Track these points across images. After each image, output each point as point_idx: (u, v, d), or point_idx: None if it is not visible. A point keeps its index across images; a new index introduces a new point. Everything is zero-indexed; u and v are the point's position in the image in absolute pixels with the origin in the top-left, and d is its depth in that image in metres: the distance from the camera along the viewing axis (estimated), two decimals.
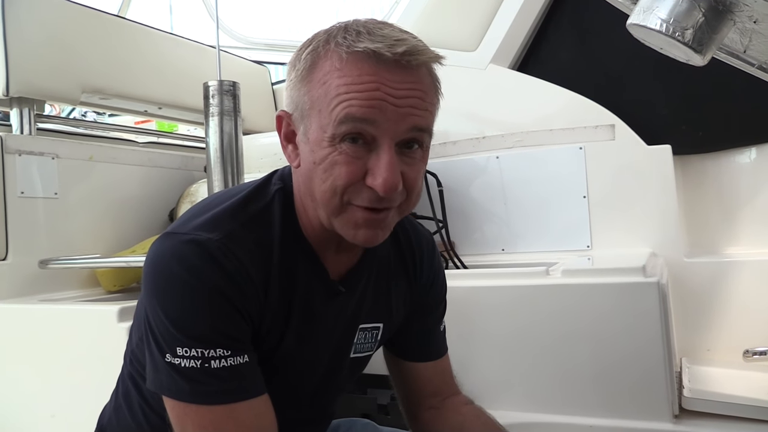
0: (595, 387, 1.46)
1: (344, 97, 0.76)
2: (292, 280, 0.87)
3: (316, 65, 0.79)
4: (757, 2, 0.83)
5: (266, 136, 2.31)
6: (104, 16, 2.37)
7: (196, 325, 0.78)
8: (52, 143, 2.01)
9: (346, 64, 0.77)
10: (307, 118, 0.81)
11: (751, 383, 1.65)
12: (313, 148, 0.80)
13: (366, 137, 0.77)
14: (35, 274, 1.87)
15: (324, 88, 0.78)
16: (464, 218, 2.25)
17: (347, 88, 0.76)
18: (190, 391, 0.78)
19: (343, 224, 0.82)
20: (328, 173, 0.78)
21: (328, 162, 0.78)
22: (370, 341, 1.02)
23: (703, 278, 1.95)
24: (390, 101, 0.76)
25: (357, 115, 0.76)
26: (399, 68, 0.77)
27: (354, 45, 0.76)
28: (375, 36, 0.77)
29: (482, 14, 2.38)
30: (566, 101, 2.19)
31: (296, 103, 0.82)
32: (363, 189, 0.79)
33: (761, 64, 1.05)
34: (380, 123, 0.76)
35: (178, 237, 0.81)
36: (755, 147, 2.11)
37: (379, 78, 0.76)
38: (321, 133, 0.78)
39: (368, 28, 0.78)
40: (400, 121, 0.77)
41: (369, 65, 0.76)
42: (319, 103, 0.78)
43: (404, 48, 0.76)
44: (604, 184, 2.08)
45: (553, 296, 1.50)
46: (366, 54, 0.76)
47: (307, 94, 0.80)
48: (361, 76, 0.76)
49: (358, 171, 0.78)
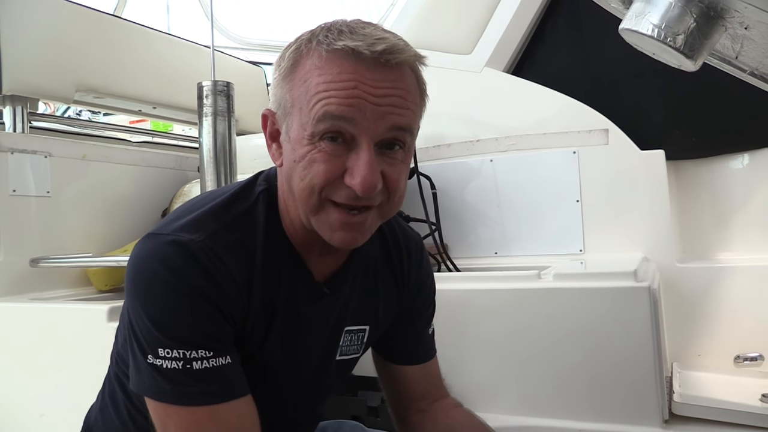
0: (586, 391, 1.46)
1: (323, 95, 0.76)
2: (276, 281, 0.87)
3: (298, 64, 0.80)
4: (748, 9, 0.84)
5: (260, 137, 2.28)
6: (99, 15, 2.36)
7: (177, 326, 0.77)
8: (45, 142, 2.01)
9: (326, 62, 0.76)
10: (288, 117, 0.81)
11: (741, 389, 1.65)
12: (294, 147, 0.80)
13: (345, 136, 0.77)
14: (26, 273, 1.86)
15: (305, 87, 0.78)
16: (458, 221, 2.25)
17: (326, 86, 0.76)
18: (172, 392, 0.77)
19: (321, 224, 0.82)
20: (306, 171, 0.78)
21: (306, 160, 0.78)
22: (356, 344, 1.01)
23: (695, 283, 1.95)
24: (369, 100, 0.76)
25: (335, 113, 0.75)
26: (378, 67, 0.76)
27: (334, 43, 0.76)
28: (356, 35, 0.76)
29: (478, 17, 2.38)
30: (560, 105, 2.20)
31: (279, 101, 0.83)
32: (341, 187, 0.78)
33: (753, 70, 1.06)
34: (359, 121, 0.76)
35: (160, 238, 0.81)
36: (748, 153, 2.12)
37: (358, 76, 0.75)
38: (301, 131, 0.78)
39: (350, 27, 0.78)
40: (380, 119, 0.77)
41: (348, 63, 0.76)
42: (299, 101, 0.78)
43: (384, 46, 0.76)
44: (598, 188, 2.08)
45: (544, 300, 1.50)
46: (345, 52, 0.76)
47: (289, 93, 0.80)
48: (341, 74, 0.76)
49: (337, 169, 0.78)
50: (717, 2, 0.88)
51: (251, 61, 3.14)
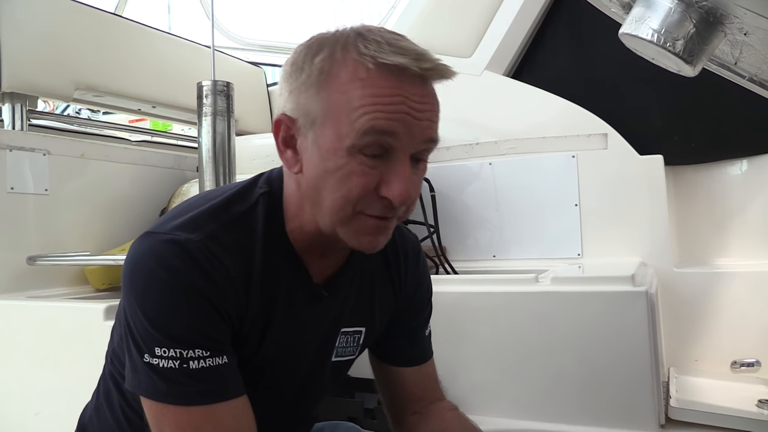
0: (582, 395, 1.46)
1: (369, 109, 0.75)
2: (274, 283, 0.87)
3: (333, 71, 0.78)
4: (747, 15, 0.84)
5: (259, 138, 2.31)
6: (100, 13, 2.36)
7: (174, 325, 0.77)
8: (44, 139, 2.00)
9: (373, 75, 0.76)
10: (319, 126, 0.79)
11: (738, 394, 1.65)
12: (326, 156, 0.79)
13: (385, 149, 0.78)
14: (23, 271, 1.86)
15: (344, 97, 0.76)
16: (456, 224, 2.25)
17: (372, 99, 0.76)
18: (168, 391, 0.77)
19: (350, 232, 0.82)
20: (342, 183, 0.78)
21: (343, 172, 0.78)
22: (351, 345, 1.01)
23: (693, 288, 1.96)
24: (413, 115, 0.77)
25: (382, 128, 0.76)
26: (420, 82, 0.78)
27: (379, 56, 0.75)
28: (397, 48, 0.76)
29: (478, 21, 2.39)
30: (560, 109, 2.20)
31: (304, 109, 0.80)
32: (376, 199, 0.79)
33: (752, 75, 1.06)
34: (401, 136, 0.77)
35: (157, 236, 0.80)
36: (746, 159, 2.12)
37: (403, 92, 0.76)
38: (338, 142, 0.77)
39: (387, 39, 0.78)
40: (419, 134, 0.78)
41: (395, 79, 0.76)
42: (337, 111, 0.77)
43: (430, 64, 0.77)
44: (596, 192, 2.09)
45: (541, 303, 1.50)
46: (394, 67, 0.76)
47: (322, 101, 0.78)
48: (388, 88, 0.76)
49: (373, 182, 0.78)
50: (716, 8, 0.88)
51: (251, 61, 3.14)
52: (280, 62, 3.28)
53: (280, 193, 0.89)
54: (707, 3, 0.87)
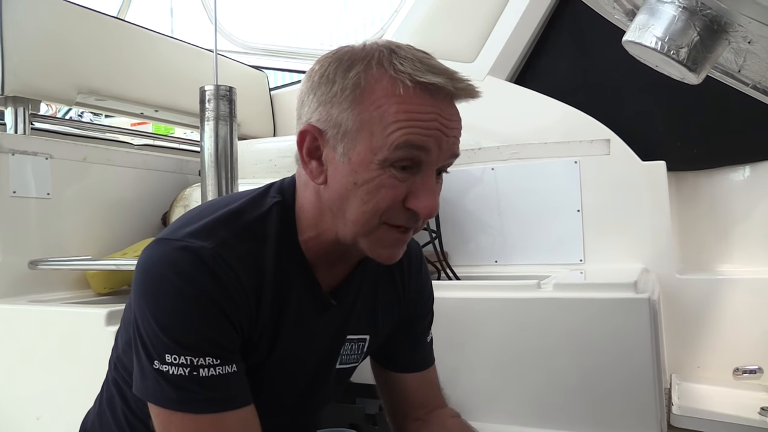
0: (584, 401, 1.45)
1: (405, 124, 0.77)
2: (285, 292, 0.87)
3: (368, 87, 0.79)
4: (752, 23, 0.84)
5: (262, 142, 2.31)
6: (102, 17, 2.36)
7: (186, 332, 0.77)
8: (46, 143, 2.00)
9: (410, 92, 0.78)
10: (351, 139, 0.80)
11: (740, 401, 1.65)
12: (356, 169, 0.80)
13: (415, 163, 0.80)
14: (25, 275, 1.85)
15: (379, 112, 0.78)
16: (458, 229, 2.25)
17: (408, 116, 0.78)
18: (177, 398, 0.77)
19: (372, 243, 0.84)
20: (371, 195, 0.80)
21: (374, 184, 0.79)
22: (356, 353, 1.01)
23: (695, 295, 1.95)
24: (444, 132, 0.80)
25: (416, 143, 0.78)
26: (449, 101, 0.81)
27: (416, 75, 0.78)
28: (430, 67, 0.79)
29: (481, 26, 2.39)
30: (562, 115, 2.20)
31: (336, 121, 0.80)
32: (401, 210, 0.81)
33: (755, 83, 1.06)
34: (432, 152, 0.80)
35: (170, 243, 0.80)
36: (749, 165, 2.12)
37: (437, 110, 0.79)
38: (370, 155, 0.79)
39: (419, 58, 0.80)
40: (447, 150, 0.82)
41: (430, 97, 0.79)
42: (371, 125, 0.78)
43: (463, 84, 0.80)
44: (598, 198, 2.08)
45: (544, 310, 1.50)
46: (431, 86, 0.78)
47: (356, 115, 0.79)
48: (423, 105, 0.78)
49: (401, 194, 0.81)
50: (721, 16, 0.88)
51: (254, 65, 3.14)
52: (282, 66, 3.28)
53: (292, 203, 0.89)
54: (711, 11, 0.87)
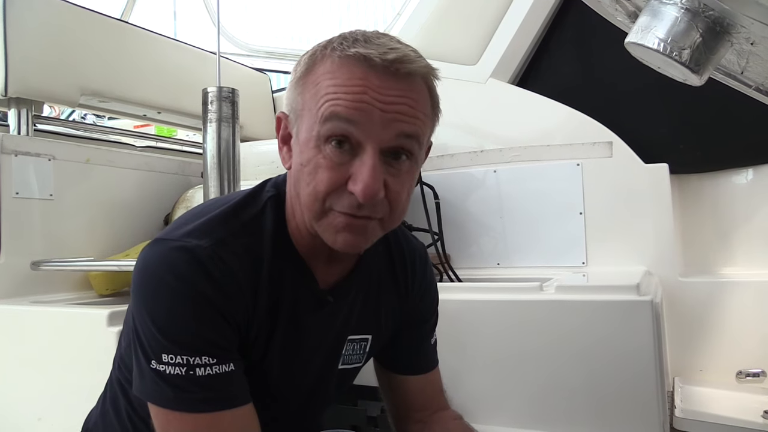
0: (586, 404, 1.45)
1: (331, 96, 0.77)
2: (280, 288, 0.87)
3: (312, 69, 0.81)
4: (755, 24, 0.83)
5: (264, 144, 2.31)
6: (105, 19, 2.37)
7: (182, 331, 0.77)
8: (49, 145, 2.01)
9: (338, 66, 0.78)
10: (299, 119, 0.82)
11: (743, 405, 1.64)
12: (302, 149, 0.81)
13: (351, 141, 0.77)
14: (27, 276, 1.86)
15: (315, 89, 0.79)
16: (460, 231, 2.25)
17: (336, 89, 0.77)
18: (174, 398, 0.77)
19: (324, 229, 0.81)
20: (311, 176, 0.79)
21: (312, 165, 0.79)
22: (358, 353, 1.01)
23: (698, 298, 1.95)
24: (377, 106, 0.76)
25: (342, 114, 0.76)
26: (389, 75, 0.77)
27: (347, 50, 0.77)
28: (370, 43, 0.78)
29: (483, 29, 2.39)
30: (565, 117, 2.20)
31: (291, 104, 0.84)
32: (344, 195, 0.78)
33: (758, 85, 1.05)
34: (365, 126, 0.76)
35: (167, 243, 0.80)
36: (752, 168, 2.12)
37: (368, 82, 0.76)
38: (309, 133, 0.79)
39: (366, 37, 0.79)
40: (387, 126, 0.77)
41: (359, 69, 0.77)
42: (309, 103, 0.80)
43: (395, 55, 0.77)
44: (601, 201, 2.08)
45: (546, 312, 1.50)
46: (356, 58, 0.77)
47: (300, 95, 0.82)
48: (350, 78, 0.77)
49: (341, 177, 0.78)
50: (723, 18, 0.88)
51: (257, 68, 3.14)
52: (285, 69, 3.28)
53: (285, 196, 0.90)
54: (714, 12, 0.87)
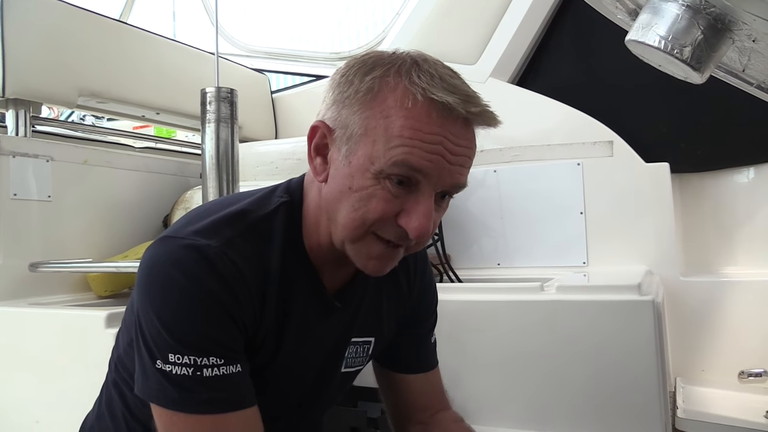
0: (588, 404, 1.44)
1: (407, 142, 0.75)
2: (290, 293, 0.86)
3: (381, 94, 0.78)
4: (756, 21, 0.83)
5: (263, 145, 2.30)
6: (104, 20, 2.36)
7: (189, 331, 0.76)
8: (47, 146, 2.00)
9: (418, 107, 0.75)
10: (354, 142, 0.79)
11: (745, 405, 1.63)
12: (354, 174, 0.78)
13: (412, 181, 0.77)
14: (25, 277, 1.85)
15: (385, 122, 0.76)
16: (461, 231, 2.24)
17: (413, 133, 0.75)
18: (180, 399, 0.76)
19: (358, 251, 0.82)
20: (362, 203, 0.78)
21: (366, 193, 0.78)
22: (361, 355, 1.01)
23: (700, 297, 1.94)
24: (448, 157, 0.77)
25: (414, 165, 0.75)
26: (463, 124, 0.77)
27: (430, 90, 0.75)
28: (448, 85, 0.76)
29: (483, 28, 2.38)
30: (565, 116, 2.19)
31: (345, 122, 0.80)
32: (392, 225, 0.79)
33: (760, 83, 1.05)
34: (431, 176, 0.77)
35: (175, 241, 0.79)
36: (753, 167, 2.11)
37: (444, 131, 0.76)
38: (368, 163, 0.77)
39: (440, 74, 0.77)
40: (449, 176, 0.78)
41: (439, 116, 0.75)
42: (375, 133, 0.77)
43: (478, 109, 0.77)
44: (602, 200, 2.07)
45: (547, 312, 1.49)
46: (441, 104, 0.75)
47: (364, 119, 0.78)
48: (430, 125, 0.75)
49: (394, 209, 0.78)
50: (725, 14, 0.87)
51: (255, 68, 3.13)
52: (284, 69, 3.28)
53: (300, 203, 0.88)
54: (715, 9, 0.86)
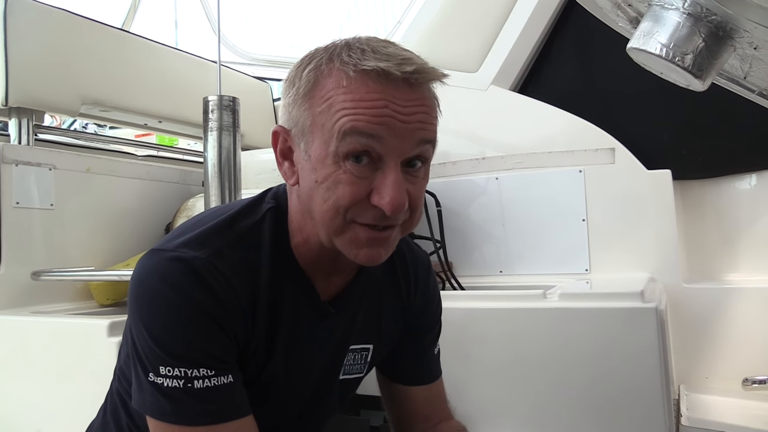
0: (591, 412, 1.44)
1: (350, 111, 0.75)
2: (281, 301, 0.86)
3: (319, 83, 0.78)
4: (757, 29, 0.83)
5: (265, 152, 2.31)
6: (106, 29, 2.37)
7: (179, 343, 0.76)
8: (50, 154, 2.00)
9: (353, 81, 0.75)
10: (308, 135, 0.79)
11: (749, 412, 1.63)
12: (315, 166, 0.78)
13: (372, 155, 0.76)
14: (28, 286, 1.85)
15: (327, 104, 0.76)
16: (463, 239, 2.24)
17: (354, 104, 0.75)
18: (172, 411, 0.76)
19: (346, 243, 0.80)
20: (330, 192, 0.77)
21: (331, 180, 0.77)
22: (359, 363, 1.00)
23: (702, 304, 1.93)
24: (399, 118, 0.75)
25: (363, 130, 0.74)
26: (406, 86, 0.76)
27: (361, 63, 0.75)
28: (381, 54, 0.76)
29: (484, 36, 2.39)
30: (567, 124, 2.19)
31: (296, 120, 0.81)
32: (367, 207, 0.77)
33: (761, 90, 1.05)
34: (388, 140, 0.75)
35: (162, 254, 0.80)
36: (755, 173, 2.10)
37: (387, 95, 0.75)
38: (324, 149, 0.77)
39: (372, 47, 0.77)
40: (409, 137, 0.77)
41: (376, 83, 0.75)
42: (321, 118, 0.77)
43: (413, 67, 0.76)
44: (604, 207, 2.07)
45: (550, 320, 1.48)
46: (374, 72, 0.75)
47: (308, 110, 0.78)
48: (369, 93, 0.75)
49: (363, 190, 0.77)
50: (726, 22, 0.87)
51: (258, 76, 3.14)
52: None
53: (286, 208, 0.88)
54: (716, 17, 0.86)
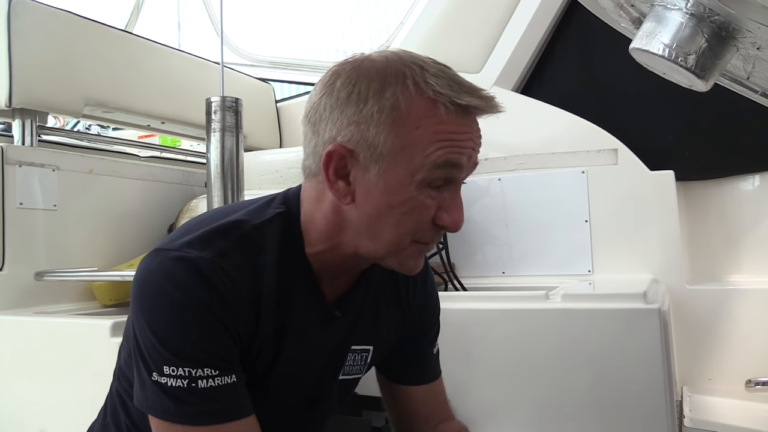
0: (593, 414, 1.43)
1: (445, 144, 0.79)
2: (288, 303, 0.86)
3: (408, 109, 0.78)
4: (761, 29, 0.83)
5: (268, 154, 2.31)
6: (109, 30, 2.38)
7: (183, 343, 0.76)
8: (53, 155, 2.01)
9: (449, 114, 0.79)
10: (386, 160, 0.79)
11: (753, 414, 1.62)
12: (392, 191, 0.80)
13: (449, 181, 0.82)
14: (31, 286, 1.86)
15: (418, 133, 0.78)
16: (465, 240, 2.24)
17: (448, 135, 0.79)
18: (175, 410, 0.76)
19: (401, 259, 0.85)
20: (407, 217, 0.81)
21: (408, 206, 0.80)
22: (359, 364, 1.00)
23: (706, 306, 1.93)
24: (474, 149, 0.82)
25: (455, 162, 0.80)
26: (474, 117, 0.82)
27: (457, 97, 0.78)
28: (466, 88, 0.80)
29: (487, 36, 2.39)
30: (569, 125, 2.19)
31: (372, 142, 0.79)
32: (431, 227, 0.83)
33: (764, 90, 1.04)
34: (465, 169, 0.82)
35: (167, 254, 0.80)
36: (759, 174, 2.10)
37: (470, 129, 0.82)
38: (408, 176, 0.79)
39: (449, 75, 0.81)
40: (473, 165, 0.84)
41: (464, 117, 0.80)
42: (410, 147, 0.78)
43: (494, 103, 0.82)
44: (606, 208, 2.07)
45: (552, 321, 1.48)
46: (468, 107, 0.79)
47: (393, 137, 0.78)
48: (460, 126, 0.80)
49: (433, 213, 0.82)
50: (729, 22, 0.87)
51: (260, 77, 3.15)
52: (288, 78, 3.29)
53: (297, 214, 0.88)
54: (719, 17, 0.86)
